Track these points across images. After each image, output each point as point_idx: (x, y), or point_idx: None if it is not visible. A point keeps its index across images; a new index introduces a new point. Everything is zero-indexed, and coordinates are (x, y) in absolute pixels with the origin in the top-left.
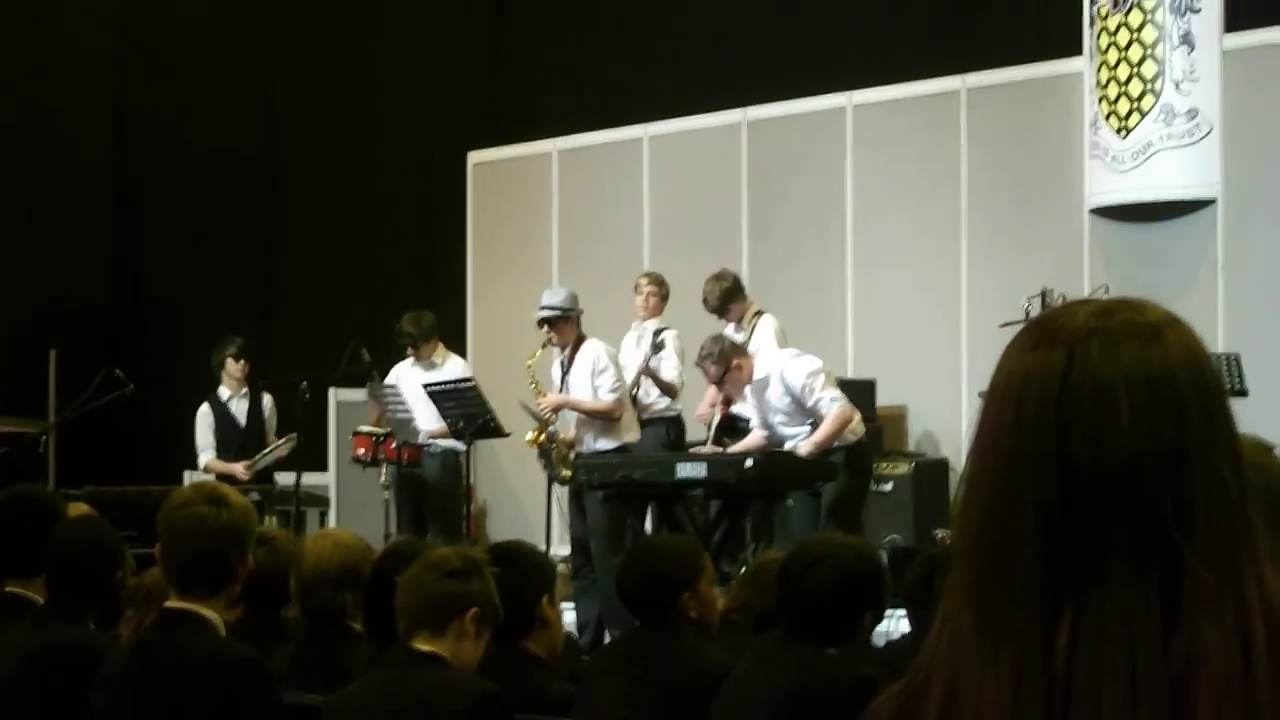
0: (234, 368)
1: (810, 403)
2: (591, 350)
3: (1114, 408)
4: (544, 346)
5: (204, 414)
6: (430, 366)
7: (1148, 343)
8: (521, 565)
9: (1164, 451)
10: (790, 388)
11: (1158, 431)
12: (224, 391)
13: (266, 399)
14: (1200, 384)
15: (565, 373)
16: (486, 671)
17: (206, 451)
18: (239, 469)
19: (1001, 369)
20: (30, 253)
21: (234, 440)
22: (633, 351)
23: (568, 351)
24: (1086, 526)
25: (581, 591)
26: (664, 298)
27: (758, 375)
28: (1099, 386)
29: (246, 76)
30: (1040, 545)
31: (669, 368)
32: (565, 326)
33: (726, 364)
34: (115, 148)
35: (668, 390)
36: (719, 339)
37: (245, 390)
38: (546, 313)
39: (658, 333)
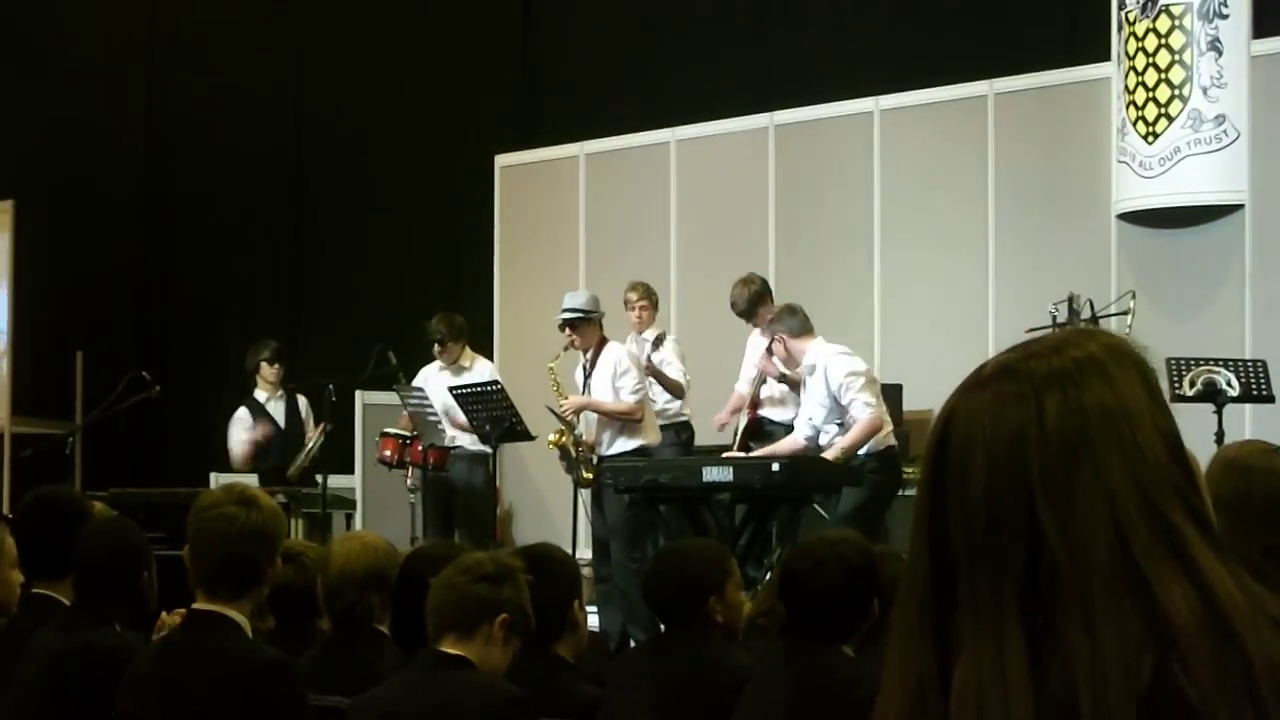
0: (269, 371)
1: (845, 401)
2: (613, 353)
3: (971, 466)
4: (565, 349)
5: (240, 417)
6: (458, 370)
7: (1020, 398)
8: (552, 569)
9: (1017, 507)
10: (830, 382)
11: (1008, 490)
12: (260, 394)
13: (302, 400)
14: (1072, 432)
15: (588, 375)
16: (513, 674)
17: (237, 448)
18: (258, 433)
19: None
20: (58, 254)
21: (275, 442)
22: None
23: (590, 354)
24: (958, 582)
25: (605, 596)
26: (655, 306)
27: (807, 361)
28: (962, 442)
29: (276, 79)
30: (930, 587)
31: (673, 369)
32: (587, 329)
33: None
34: (145, 149)
35: (673, 389)
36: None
37: (281, 393)
38: (568, 315)
39: (658, 339)
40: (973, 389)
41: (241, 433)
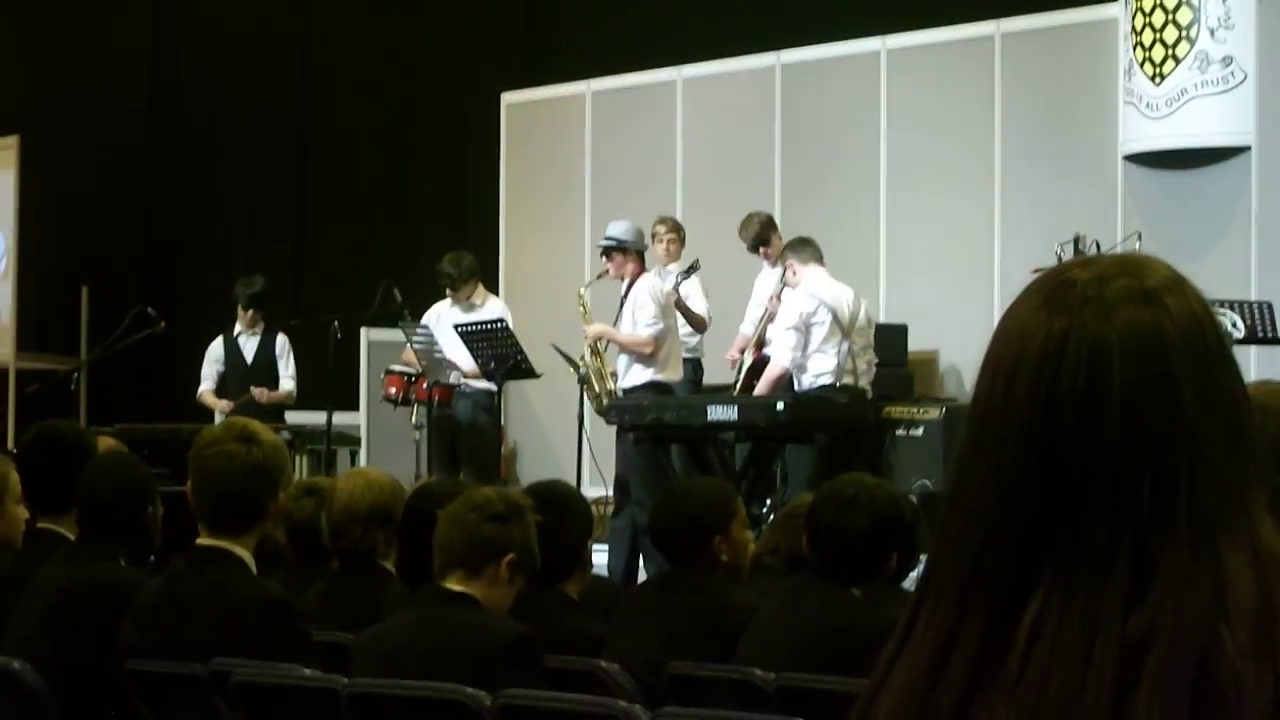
0: (243, 315)
1: (773, 337)
2: (639, 286)
3: (1107, 385)
4: (599, 276)
5: (213, 347)
6: (469, 308)
7: (1143, 311)
8: (567, 509)
9: (1154, 427)
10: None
11: (1149, 408)
12: (237, 327)
13: (281, 339)
14: (1197, 352)
15: (621, 305)
16: (519, 611)
17: (205, 383)
18: (223, 405)
19: (1005, 327)
20: (64, 190)
21: (237, 375)
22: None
23: (626, 284)
24: (1062, 507)
25: (616, 532)
26: (682, 241)
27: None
28: (1094, 361)
29: (282, 18)
30: (1017, 522)
31: (696, 303)
32: (621, 258)
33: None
34: (151, 84)
35: (696, 323)
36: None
37: (257, 330)
38: (604, 243)
39: (690, 269)
40: (1076, 305)
41: (208, 368)
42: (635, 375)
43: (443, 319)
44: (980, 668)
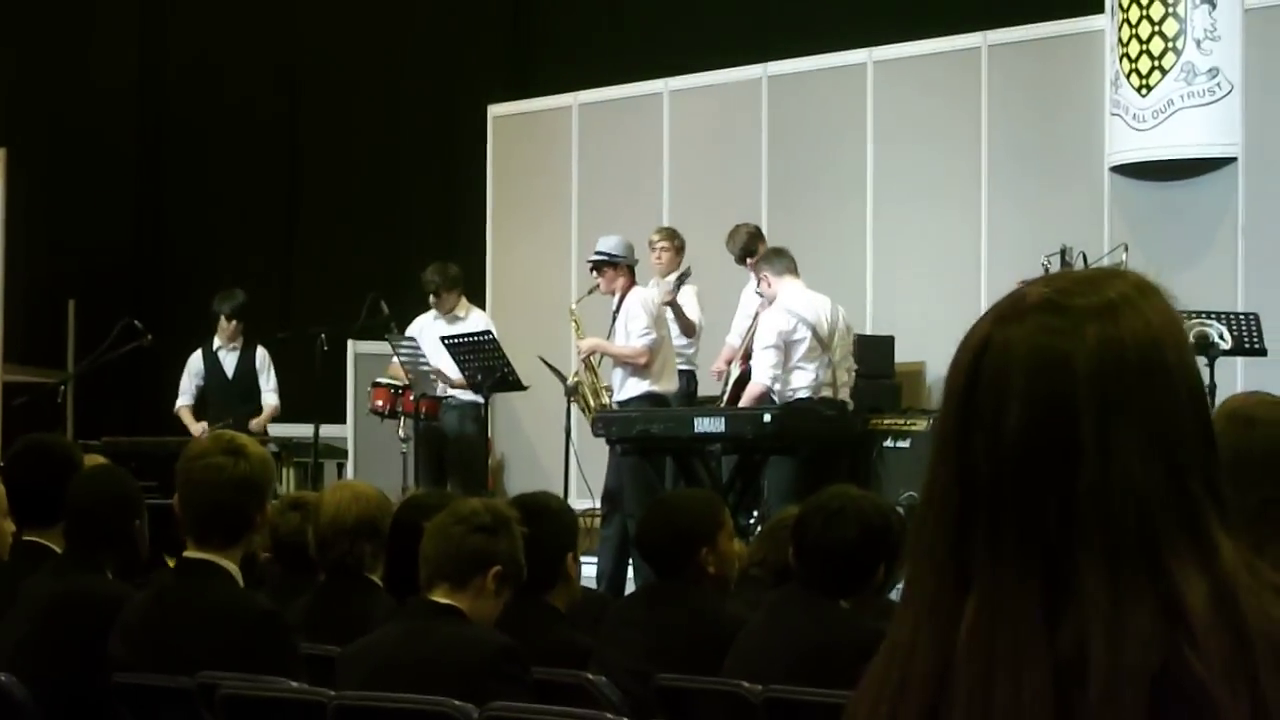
0: (225, 325)
1: (753, 356)
2: (632, 298)
3: (1007, 400)
4: (590, 291)
5: (193, 360)
6: (453, 320)
7: (1064, 332)
8: (550, 519)
9: (1055, 448)
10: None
11: (1051, 429)
12: (216, 341)
13: (260, 353)
14: (1114, 375)
15: (614, 319)
16: (506, 624)
17: (182, 398)
18: (200, 428)
19: (962, 340)
20: (51, 202)
21: (217, 390)
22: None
23: (618, 298)
24: (980, 517)
25: (605, 541)
26: (679, 250)
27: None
28: (1000, 377)
29: (270, 31)
30: (949, 528)
31: (690, 309)
32: (611, 273)
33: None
34: (139, 97)
35: (687, 329)
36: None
37: (236, 345)
38: (594, 258)
39: (683, 275)
40: (1010, 319)
41: (186, 382)
42: (631, 388)
43: (425, 331)
44: (942, 676)
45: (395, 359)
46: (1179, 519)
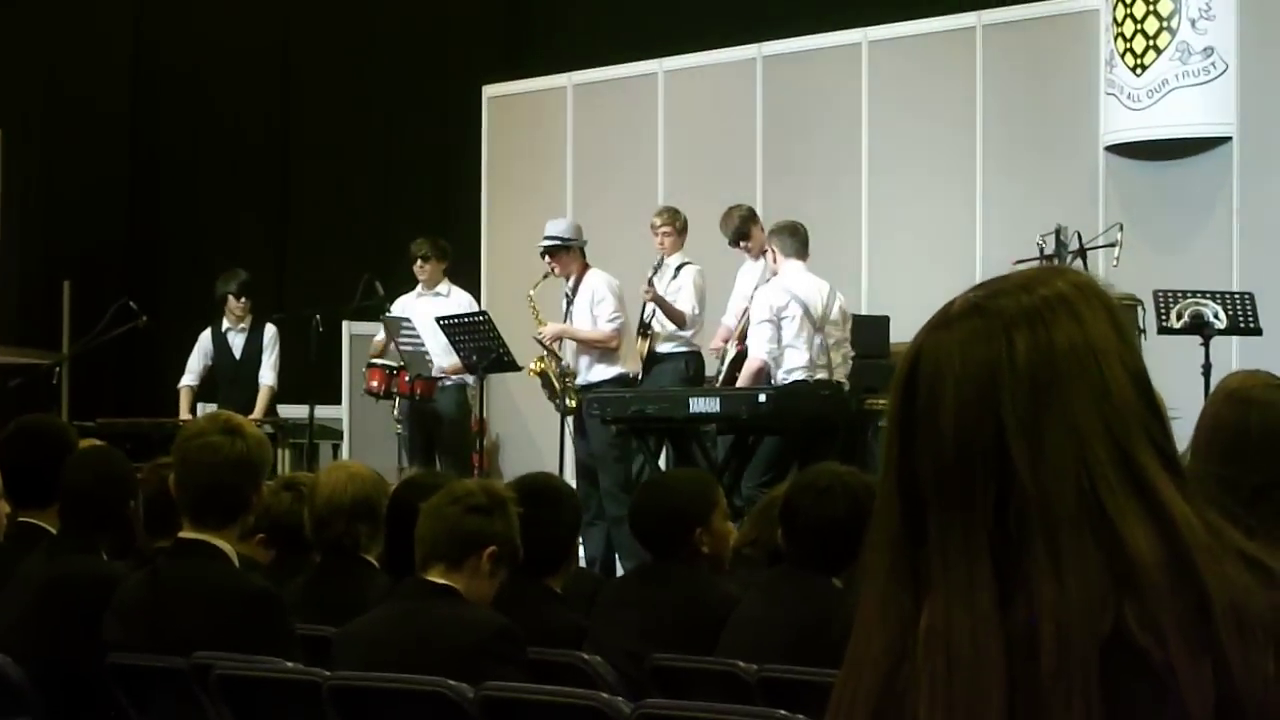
0: (234, 305)
1: (749, 335)
2: (592, 280)
3: (940, 405)
4: (545, 276)
5: (203, 339)
6: (436, 296)
7: (989, 335)
8: (559, 504)
9: (988, 443)
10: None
11: (979, 426)
12: (225, 323)
13: (269, 330)
14: (1042, 367)
15: (569, 303)
16: (501, 604)
17: (187, 376)
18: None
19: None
20: (46, 183)
21: (226, 370)
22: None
23: (572, 282)
24: (929, 518)
25: (588, 525)
26: (681, 230)
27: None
28: (931, 380)
29: (263, 14)
30: (902, 526)
31: (684, 298)
32: (566, 257)
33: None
34: (133, 78)
35: (674, 319)
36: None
37: (245, 325)
38: (547, 243)
39: (679, 268)
40: (940, 327)
41: (195, 361)
42: (599, 372)
43: (408, 310)
44: (905, 667)
45: (379, 336)
46: (1122, 483)
